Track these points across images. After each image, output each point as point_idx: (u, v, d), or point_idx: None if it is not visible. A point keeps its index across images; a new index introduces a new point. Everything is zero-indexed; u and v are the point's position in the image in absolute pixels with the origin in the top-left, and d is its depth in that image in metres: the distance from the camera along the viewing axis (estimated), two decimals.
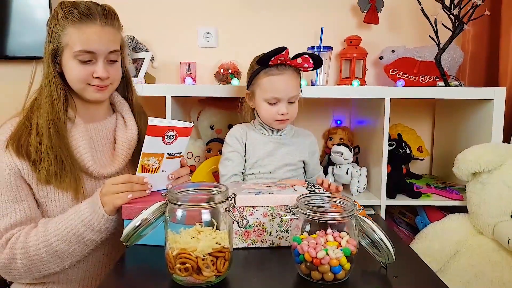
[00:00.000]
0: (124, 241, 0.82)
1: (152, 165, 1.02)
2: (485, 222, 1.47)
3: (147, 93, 1.58)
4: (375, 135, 1.68)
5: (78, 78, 1.03)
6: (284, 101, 1.31)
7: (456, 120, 1.86)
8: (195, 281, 0.76)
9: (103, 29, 1.02)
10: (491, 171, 1.46)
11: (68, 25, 1.00)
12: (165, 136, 0.98)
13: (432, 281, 0.84)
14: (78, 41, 1.00)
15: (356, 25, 2.02)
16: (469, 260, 1.48)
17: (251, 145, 1.37)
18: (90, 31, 1.01)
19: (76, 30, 1.00)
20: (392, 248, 0.83)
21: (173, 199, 0.78)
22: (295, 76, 1.32)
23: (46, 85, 1.05)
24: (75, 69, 1.03)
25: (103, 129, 1.16)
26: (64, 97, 1.05)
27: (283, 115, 1.31)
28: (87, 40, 1.01)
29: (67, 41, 1.01)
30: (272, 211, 0.96)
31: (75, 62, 1.02)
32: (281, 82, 1.29)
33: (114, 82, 1.12)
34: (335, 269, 0.78)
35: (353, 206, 0.83)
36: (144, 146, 0.98)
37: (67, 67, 1.04)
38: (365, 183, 1.72)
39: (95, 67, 1.04)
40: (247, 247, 0.97)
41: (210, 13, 2.00)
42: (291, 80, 1.30)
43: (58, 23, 1.01)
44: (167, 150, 1.03)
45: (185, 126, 1.03)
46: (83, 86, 1.05)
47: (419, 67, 1.81)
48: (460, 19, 1.62)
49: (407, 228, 1.85)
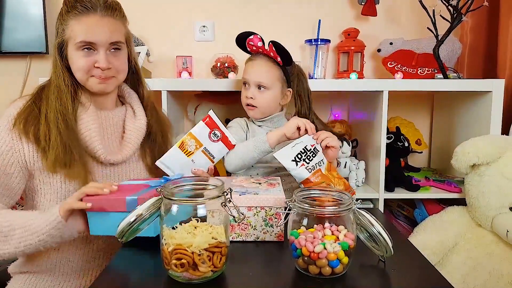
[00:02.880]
0: (119, 237, 0.81)
1: (189, 146, 1.10)
2: (483, 214, 1.47)
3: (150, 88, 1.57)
4: (373, 128, 1.67)
5: (81, 68, 1.05)
6: (252, 85, 1.35)
7: (455, 112, 1.85)
8: (191, 276, 0.75)
9: (102, 19, 1.04)
10: (489, 163, 1.46)
11: (70, 18, 1.03)
12: (212, 132, 1.10)
13: (431, 274, 0.83)
14: (79, 32, 1.02)
15: (353, 17, 2.00)
16: (468, 253, 1.48)
17: (252, 134, 1.39)
18: (90, 21, 1.02)
19: (77, 22, 1.02)
20: (390, 242, 0.82)
21: (168, 194, 0.77)
22: (269, 65, 1.34)
23: (54, 78, 1.07)
24: (78, 60, 1.04)
25: (113, 117, 1.16)
26: (72, 90, 1.07)
27: (247, 98, 1.36)
28: (87, 30, 1.02)
29: (69, 34, 1.03)
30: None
31: (77, 53, 1.04)
32: (252, 66, 1.37)
33: (118, 74, 1.11)
34: (333, 263, 0.77)
35: (351, 199, 0.82)
36: (194, 128, 1.12)
37: (71, 59, 1.06)
38: (363, 176, 1.72)
39: (96, 57, 1.05)
40: (231, 240, 0.97)
41: (206, 6, 1.98)
42: (262, 66, 1.34)
43: (62, 18, 1.05)
44: (207, 145, 1.14)
45: (230, 139, 1.18)
46: (87, 77, 1.06)
47: (417, 59, 1.80)
48: (459, 11, 1.61)
49: (406, 221, 1.85)
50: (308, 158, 1.16)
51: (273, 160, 1.34)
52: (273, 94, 1.36)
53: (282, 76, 1.37)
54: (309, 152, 1.17)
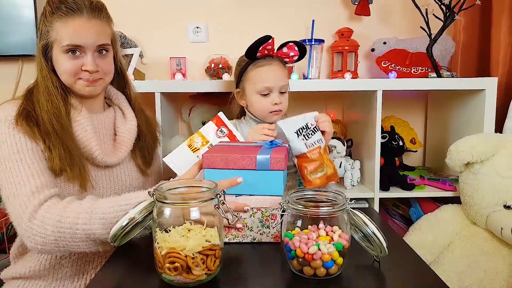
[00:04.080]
0: (112, 241, 0.80)
1: (196, 143, 1.15)
2: (478, 212, 1.47)
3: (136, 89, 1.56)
4: (368, 128, 1.67)
5: (68, 71, 1.03)
6: (276, 91, 1.32)
7: (449, 111, 1.86)
8: (185, 280, 0.75)
9: (89, 22, 1.02)
10: (483, 161, 1.46)
11: (55, 20, 1.00)
12: (219, 129, 1.13)
13: (425, 274, 0.84)
14: (65, 35, 1.00)
15: (347, 17, 2.00)
16: (462, 251, 1.48)
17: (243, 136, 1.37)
18: (76, 24, 1.00)
19: (63, 24, 1.00)
20: (384, 242, 0.82)
21: (161, 197, 0.76)
22: (282, 67, 1.35)
23: (41, 80, 1.05)
24: (64, 63, 1.02)
25: (105, 120, 1.16)
26: (61, 91, 1.05)
27: (277, 104, 1.31)
28: (74, 33, 1.01)
29: (55, 36, 1.01)
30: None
31: (64, 56, 1.02)
32: (270, 72, 1.31)
33: (106, 76, 1.11)
34: (327, 264, 0.77)
35: (345, 200, 0.82)
36: (203, 127, 1.18)
37: (57, 62, 1.04)
38: (358, 176, 1.72)
39: (83, 60, 1.03)
40: (228, 242, 0.97)
41: (200, 7, 1.97)
42: (279, 70, 1.33)
43: (46, 19, 1.02)
44: (213, 141, 1.17)
45: (237, 137, 1.21)
46: (73, 80, 1.05)
47: (411, 58, 1.80)
48: (451, 9, 1.61)
49: (401, 220, 1.85)
50: (308, 135, 1.21)
51: None
52: (288, 93, 1.37)
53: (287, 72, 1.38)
54: (310, 129, 1.21)
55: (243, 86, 1.36)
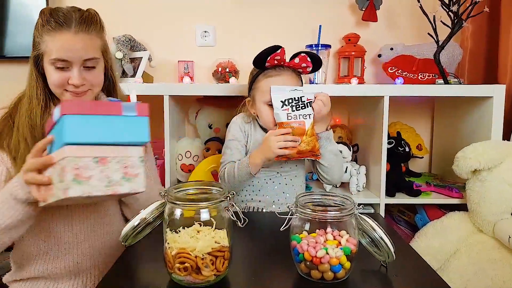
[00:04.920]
0: (123, 241, 0.81)
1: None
2: (485, 220, 1.47)
3: (145, 92, 1.58)
4: (374, 133, 1.68)
5: (55, 83, 1.03)
6: None
7: (456, 117, 1.86)
8: (194, 280, 0.75)
9: (76, 36, 1.01)
10: (491, 168, 1.46)
11: (45, 33, 1.01)
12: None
13: (433, 280, 0.83)
14: (53, 49, 1.01)
15: (354, 23, 2.01)
16: (469, 258, 1.48)
17: (253, 139, 1.37)
18: (63, 38, 1.00)
19: (51, 38, 1.01)
20: (392, 247, 0.82)
21: (171, 199, 0.77)
22: (294, 77, 1.31)
23: (28, 89, 1.06)
24: (52, 75, 1.03)
25: None
26: (43, 103, 1.05)
27: None
28: (61, 48, 1.01)
29: (44, 48, 1.02)
30: None
31: (52, 68, 1.02)
32: (279, 83, 1.27)
33: (94, 87, 1.09)
34: (335, 268, 0.77)
35: (353, 205, 0.82)
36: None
37: (47, 73, 1.04)
38: (364, 181, 1.72)
39: (70, 74, 1.03)
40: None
41: (208, 11, 1.99)
42: (289, 81, 1.29)
43: (38, 31, 1.03)
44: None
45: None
46: (61, 91, 1.05)
47: (418, 64, 1.80)
48: (459, 16, 1.62)
49: (407, 227, 1.85)
50: (296, 107, 1.23)
51: (274, 164, 1.35)
52: None
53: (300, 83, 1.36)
54: (301, 102, 1.24)
55: (253, 95, 1.34)
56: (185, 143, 1.82)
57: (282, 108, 1.23)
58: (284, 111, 1.23)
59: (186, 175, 1.78)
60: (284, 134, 1.23)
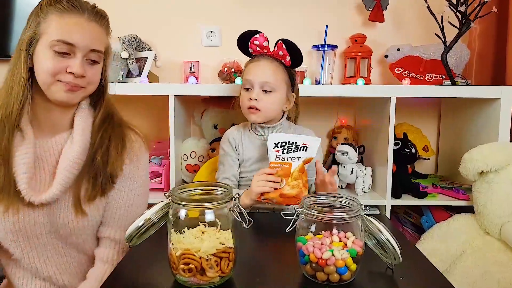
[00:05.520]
0: (127, 241, 0.81)
1: None
2: (492, 222, 1.45)
3: (150, 92, 1.58)
4: (380, 135, 1.67)
5: (49, 70, 0.91)
6: (256, 87, 1.29)
7: (462, 119, 1.84)
8: (198, 281, 0.75)
9: (88, 23, 0.94)
10: (498, 170, 1.45)
11: (52, 11, 0.92)
12: None
13: (440, 283, 0.82)
14: (58, 29, 0.91)
15: (361, 23, 2.00)
16: (475, 261, 1.46)
17: (245, 148, 1.37)
18: (73, 21, 0.92)
19: (58, 18, 0.91)
20: (398, 249, 0.81)
21: (176, 199, 0.77)
22: (275, 65, 1.30)
23: (9, 79, 0.94)
24: (47, 60, 0.91)
25: (53, 147, 1.00)
26: (23, 99, 0.93)
27: (250, 100, 1.29)
28: (69, 30, 0.91)
29: (45, 29, 0.91)
30: None
31: (49, 52, 0.91)
32: (255, 67, 1.31)
33: (89, 86, 0.99)
34: (341, 270, 0.77)
35: (359, 206, 0.82)
36: None
37: (39, 57, 0.92)
38: (370, 182, 1.71)
39: (71, 62, 0.93)
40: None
41: (214, 11, 1.99)
42: (267, 67, 1.30)
43: (41, 10, 0.93)
44: None
45: None
46: (52, 81, 0.93)
47: (425, 65, 1.79)
48: (467, 17, 1.61)
49: (412, 228, 1.84)
50: (288, 150, 1.20)
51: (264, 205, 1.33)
52: (278, 97, 1.31)
53: (288, 78, 1.32)
54: (295, 146, 1.20)
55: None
56: (190, 143, 1.81)
57: (273, 149, 1.21)
58: (274, 152, 1.21)
59: (191, 175, 1.77)
60: (268, 174, 1.19)
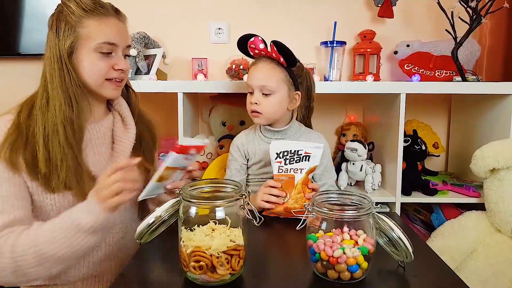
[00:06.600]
0: (138, 239, 0.81)
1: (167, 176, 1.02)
2: (503, 219, 1.44)
3: (159, 89, 1.58)
4: (390, 131, 1.65)
5: (101, 71, 1.00)
6: (257, 91, 1.29)
7: (473, 115, 1.82)
8: (209, 279, 0.75)
9: (122, 23, 1.05)
10: (509, 168, 1.43)
11: (87, 17, 0.97)
12: (185, 155, 1.00)
13: (452, 281, 0.82)
14: (101, 32, 0.98)
15: (370, 19, 1.98)
16: (487, 259, 1.45)
17: (254, 152, 1.36)
18: (111, 23, 1.01)
19: (97, 22, 0.98)
20: (410, 247, 0.81)
21: (187, 197, 0.77)
22: (271, 67, 1.27)
23: (58, 87, 0.97)
24: (95, 63, 0.99)
25: (100, 129, 1.09)
26: (75, 101, 0.98)
27: (251, 104, 1.30)
28: (110, 32, 1.00)
29: (87, 35, 0.97)
30: None
31: (95, 55, 0.99)
32: (253, 70, 1.30)
33: (126, 77, 1.10)
34: (352, 268, 0.76)
35: (371, 204, 0.81)
36: (168, 160, 0.96)
37: (84, 62, 0.98)
38: (379, 180, 1.70)
39: (114, 60, 1.02)
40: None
41: (222, 8, 1.98)
42: (265, 69, 1.28)
43: (73, 15, 0.96)
44: (184, 165, 1.05)
45: (201, 144, 1.07)
46: (102, 81, 1.02)
47: (435, 61, 1.77)
48: (478, 12, 1.58)
49: (422, 226, 1.82)
50: (290, 160, 1.16)
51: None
52: (278, 98, 1.28)
53: (288, 78, 1.28)
54: (297, 155, 1.15)
55: None
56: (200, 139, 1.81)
57: (275, 159, 1.16)
58: (277, 163, 1.16)
59: (200, 172, 1.77)
60: (273, 188, 1.16)
